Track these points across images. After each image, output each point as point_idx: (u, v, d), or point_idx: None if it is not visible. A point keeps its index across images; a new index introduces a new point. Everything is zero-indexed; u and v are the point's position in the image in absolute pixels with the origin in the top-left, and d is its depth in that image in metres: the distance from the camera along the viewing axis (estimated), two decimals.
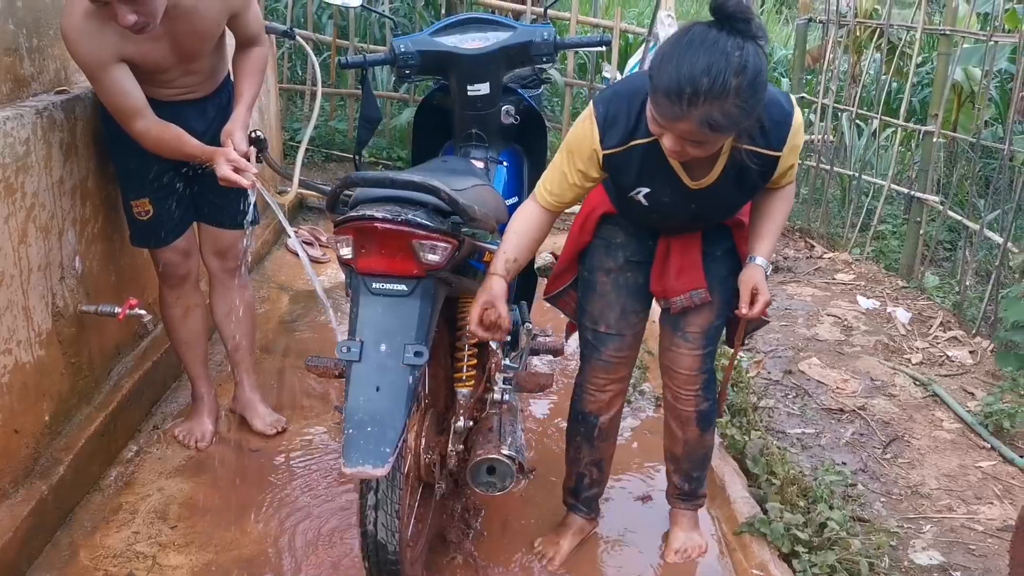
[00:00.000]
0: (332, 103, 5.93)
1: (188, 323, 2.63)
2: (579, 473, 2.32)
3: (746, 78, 1.53)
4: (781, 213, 1.99)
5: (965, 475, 2.76)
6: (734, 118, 1.57)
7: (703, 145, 1.65)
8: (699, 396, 2.18)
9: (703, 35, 1.56)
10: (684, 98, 1.54)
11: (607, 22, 5.73)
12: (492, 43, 2.52)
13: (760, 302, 1.95)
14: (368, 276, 1.77)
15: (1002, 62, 4.92)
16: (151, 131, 2.21)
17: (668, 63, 1.57)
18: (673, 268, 2.06)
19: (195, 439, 2.68)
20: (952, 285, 4.20)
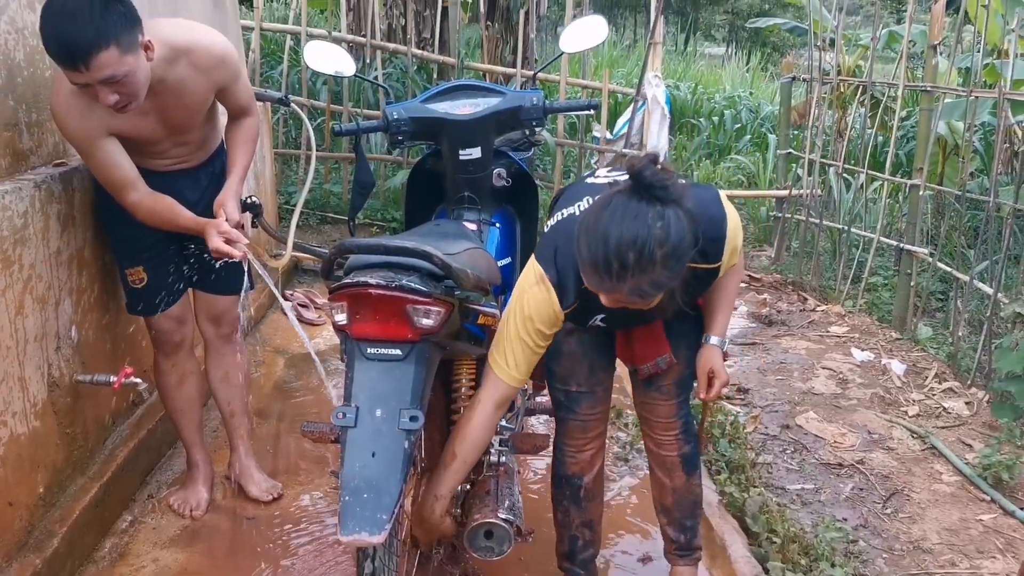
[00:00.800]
0: (326, 167, 6.01)
1: (183, 391, 2.62)
2: (571, 536, 2.30)
3: (670, 246, 1.57)
4: (731, 288, 2.04)
5: (966, 529, 2.74)
6: (662, 284, 1.61)
7: (641, 303, 1.68)
8: (680, 439, 2.21)
9: (625, 206, 1.59)
10: (613, 272, 1.59)
11: (596, 83, 5.85)
12: (483, 109, 2.58)
13: (717, 385, 2.03)
14: (363, 341, 1.78)
15: (984, 115, 5.02)
16: (143, 203, 2.24)
17: (593, 235, 1.60)
18: (636, 338, 2.10)
19: (190, 507, 2.65)
20: (945, 336, 4.22)
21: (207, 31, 2.26)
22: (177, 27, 2.21)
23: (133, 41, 1.95)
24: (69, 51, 1.89)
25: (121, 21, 1.93)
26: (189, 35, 2.20)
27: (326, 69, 2.75)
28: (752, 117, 9.29)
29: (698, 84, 10.68)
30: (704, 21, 29.18)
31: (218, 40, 2.25)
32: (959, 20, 4.29)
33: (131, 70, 1.96)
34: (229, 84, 2.31)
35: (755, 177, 7.32)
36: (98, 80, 1.93)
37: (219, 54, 2.24)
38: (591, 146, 5.98)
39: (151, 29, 2.06)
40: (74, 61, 1.89)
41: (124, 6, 1.95)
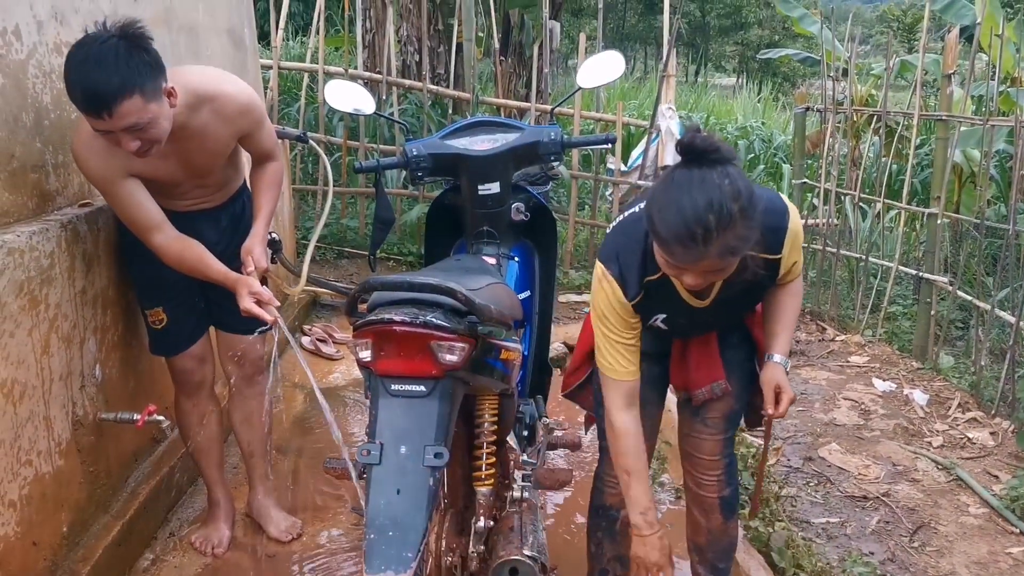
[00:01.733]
0: (343, 201, 6.06)
1: (204, 429, 2.62)
2: (602, 570, 2.28)
3: (744, 199, 1.59)
4: (792, 308, 2.02)
5: (996, 562, 2.70)
6: (747, 237, 1.62)
7: (721, 271, 1.69)
8: (721, 481, 2.17)
9: (688, 177, 1.61)
10: (699, 239, 1.58)
11: (610, 116, 5.89)
12: (501, 144, 2.60)
13: (784, 400, 1.98)
14: (387, 378, 1.78)
15: (1000, 143, 5.02)
16: (171, 247, 2.23)
17: (668, 211, 1.61)
18: (692, 362, 2.09)
19: (212, 545, 2.65)
20: (967, 365, 4.18)
21: (232, 80, 2.28)
22: (203, 75, 2.24)
23: (157, 88, 1.97)
24: (94, 99, 1.91)
25: (146, 69, 1.94)
26: (214, 83, 2.22)
27: (346, 107, 2.78)
28: (765, 147, 9.31)
29: (710, 115, 10.75)
30: (715, 52, 29.40)
31: (242, 89, 2.27)
32: (973, 49, 4.31)
33: (154, 117, 1.97)
34: (252, 132, 2.33)
35: None
36: (121, 128, 1.94)
37: (243, 103, 2.25)
38: (606, 178, 6.00)
39: (177, 76, 2.09)
40: (98, 109, 1.91)
41: (149, 54, 1.97)
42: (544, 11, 6.22)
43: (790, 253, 1.88)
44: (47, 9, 2.28)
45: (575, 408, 3.84)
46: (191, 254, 2.25)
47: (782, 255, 1.86)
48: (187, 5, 3.21)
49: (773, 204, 1.85)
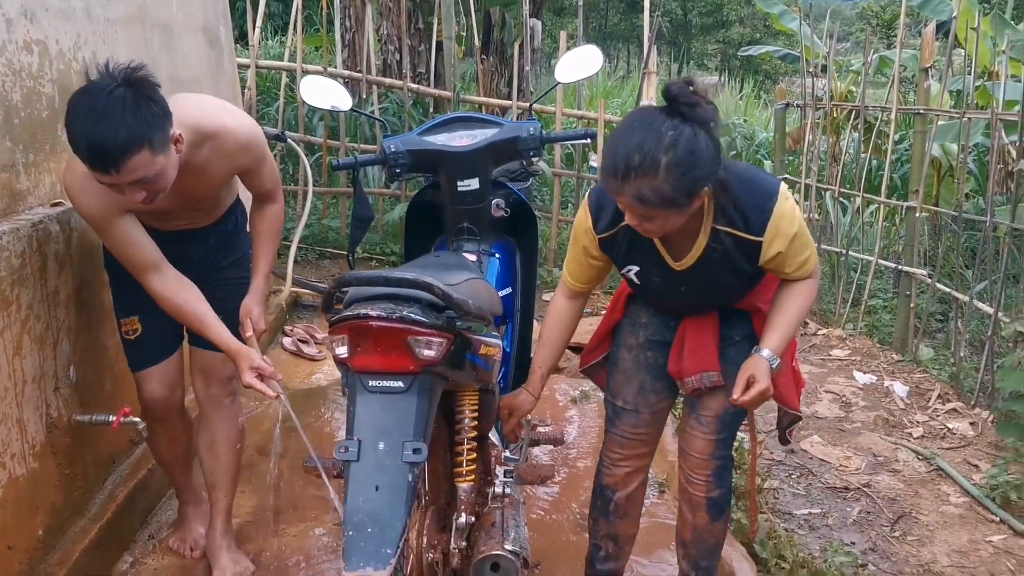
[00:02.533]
0: (324, 202, 6.03)
1: (173, 449, 2.53)
2: (595, 544, 2.33)
3: (675, 156, 1.62)
4: (795, 308, 1.95)
5: (976, 550, 2.72)
6: (665, 195, 1.65)
7: (652, 220, 1.74)
8: (710, 482, 2.16)
9: (643, 116, 1.68)
10: (618, 174, 1.66)
11: (591, 114, 5.89)
12: (480, 140, 2.59)
13: (753, 389, 1.91)
14: (364, 374, 1.76)
15: (977, 136, 5.06)
16: (169, 296, 2.14)
17: (611, 142, 1.70)
18: (688, 348, 2.09)
19: (188, 547, 2.60)
20: (947, 357, 4.21)
21: (233, 113, 2.19)
22: (202, 109, 2.13)
23: (164, 139, 1.88)
24: (101, 155, 1.81)
25: (154, 120, 1.85)
26: (216, 119, 2.12)
27: (322, 104, 2.76)
28: (747, 144, 9.34)
29: None
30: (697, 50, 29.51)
31: (244, 123, 2.18)
32: (949, 44, 4.34)
33: (162, 169, 1.90)
34: (252, 169, 2.25)
35: None
36: (128, 182, 1.86)
37: (244, 139, 2.16)
38: (588, 176, 6.00)
39: (178, 110, 1.98)
40: (105, 166, 1.82)
41: (157, 103, 1.87)
42: (524, 9, 6.22)
43: (773, 239, 1.83)
44: (17, 7, 2.25)
45: (559, 405, 3.86)
46: (191, 309, 2.16)
47: (763, 239, 1.83)
48: (161, 2, 3.18)
49: (760, 182, 1.84)
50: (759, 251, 1.86)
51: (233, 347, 2.15)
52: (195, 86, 3.50)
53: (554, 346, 2.22)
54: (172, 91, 3.21)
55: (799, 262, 1.89)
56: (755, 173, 1.88)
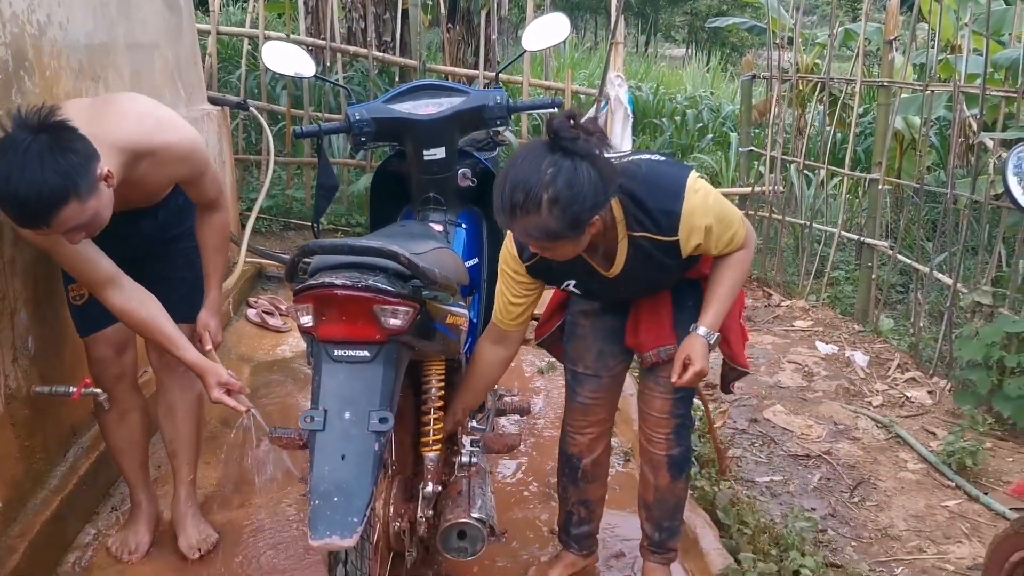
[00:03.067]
0: (288, 172, 5.95)
1: (123, 429, 2.42)
2: (568, 511, 2.37)
3: (555, 192, 1.65)
4: (728, 281, 1.98)
5: (933, 515, 2.79)
6: (550, 230, 1.69)
7: (551, 251, 1.78)
8: (671, 440, 2.20)
9: (528, 153, 1.71)
10: (505, 212, 1.71)
11: (559, 84, 5.86)
12: (446, 108, 2.56)
13: (689, 372, 1.96)
14: (329, 343, 1.75)
15: (939, 110, 5.12)
16: (131, 311, 2.12)
17: (499, 178, 1.73)
18: (643, 323, 2.13)
19: (128, 550, 2.44)
20: (907, 327, 4.29)
21: (172, 126, 2.13)
22: (142, 128, 2.06)
23: (91, 184, 1.83)
24: (28, 215, 1.80)
25: (77, 169, 1.80)
26: (152, 136, 2.06)
27: (285, 70, 2.72)
28: (714, 116, 9.36)
29: (659, 85, 10.75)
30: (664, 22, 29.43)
31: (183, 136, 2.13)
32: (913, 17, 4.37)
33: (95, 211, 1.86)
34: (193, 180, 2.21)
35: (718, 176, 7.38)
36: (62, 232, 1.85)
37: (182, 154, 2.13)
38: None
39: (113, 130, 1.96)
40: (35, 223, 1.81)
41: (76, 153, 1.81)
42: None
43: (689, 236, 1.86)
44: None
45: (526, 375, 3.87)
46: (155, 325, 2.14)
47: (678, 238, 1.87)
48: None
49: (664, 184, 1.86)
50: (678, 248, 1.89)
51: (200, 364, 2.18)
52: (154, 51, 3.42)
53: (477, 391, 2.21)
54: (130, 59, 3.15)
55: (724, 241, 1.92)
56: (659, 174, 1.87)
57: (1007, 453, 3.14)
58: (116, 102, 2.13)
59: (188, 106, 3.92)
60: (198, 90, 4.16)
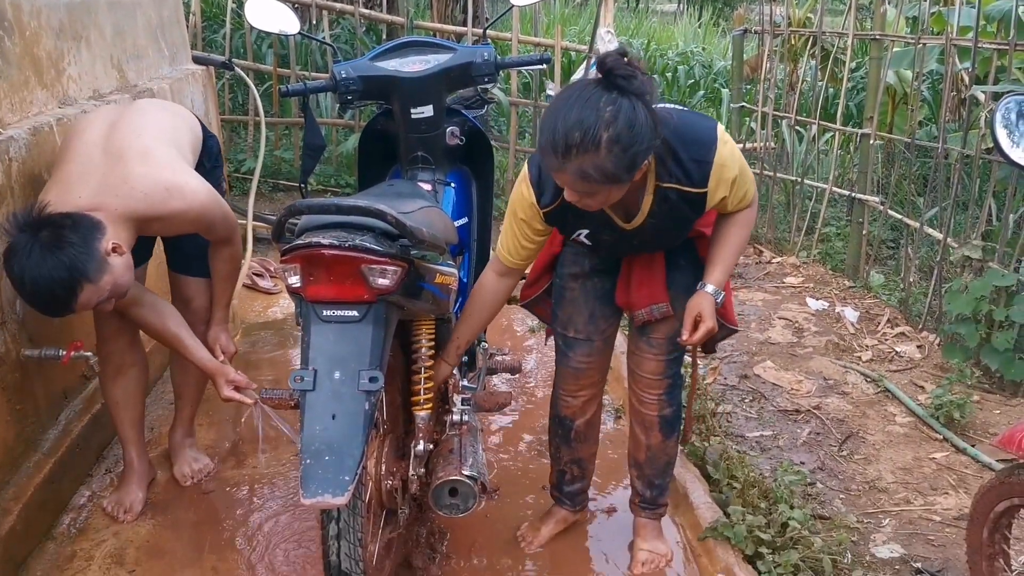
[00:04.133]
0: (276, 132, 5.89)
1: (119, 383, 2.47)
2: (560, 470, 2.40)
3: (616, 130, 1.58)
4: (736, 239, 1.97)
5: (920, 467, 2.82)
6: (607, 171, 1.62)
7: (593, 196, 1.70)
8: (663, 400, 2.21)
9: (581, 91, 1.63)
10: (559, 152, 1.62)
11: (548, 41, 5.79)
12: (433, 65, 2.53)
13: (701, 329, 1.95)
14: (318, 303, 1.75)
15: (932, 63, 5.07)
16: (152, 322, 2.30)
17: (549, 118, 1.65)
18: (635, 282, 2.11)
19: (123, 509, 2.48)
20: (897, 282, 4.30)
21: (182, 195, 2.15)
22: (150, 200, 2.11)
23: (99, 263, 1.96)
24: (51, 310, 1.98)
25: (81, 258, 1.93)
26: (162, 207, 2.13)
27: (269, 27, 2.67)
28: (705, 72, 9.28)
29: (650, 41, 10.64)
30: None
31: (193, 203, 2.17)
32: None
33: (112, 283, 2.00)
34: (203, 231, 2.30)
35: None
36: (88, 309, 2.03)
37: (192, 218, 2.20)
38: (545, 104, 5.93)
39: (119, 202, 2.06)
40: (61, 313, 1.99)
41: (74, 244, 1.93)
42: None
43: (717, 187, 1.84)
44: None
45: (518, 335, 3.88)
46: (172, 333, 2.30)
47: (707, 189, 1.83)
48: None
49: (697, 134, 1.81)
50: (704, 201, 1.86)
51: (210, 365, 2.31)
52: (136, 9, 3.36)
53: (476, 323, 2.16)
54: (112, 18, 3.08)
55: (740, 196, 1.91)
56: (691, 124, 1.83)
57: (994, 406, 3.17)
58: (125, 163, 2.12)
59: (172, 65, 3.86)
60: (182, 49, 4.09)
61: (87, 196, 2.04)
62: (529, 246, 2.01)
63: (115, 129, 2.20)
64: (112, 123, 2.24)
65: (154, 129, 2.27)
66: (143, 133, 2.22)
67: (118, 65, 3.20)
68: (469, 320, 2.15)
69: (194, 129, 2.45)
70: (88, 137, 2.18)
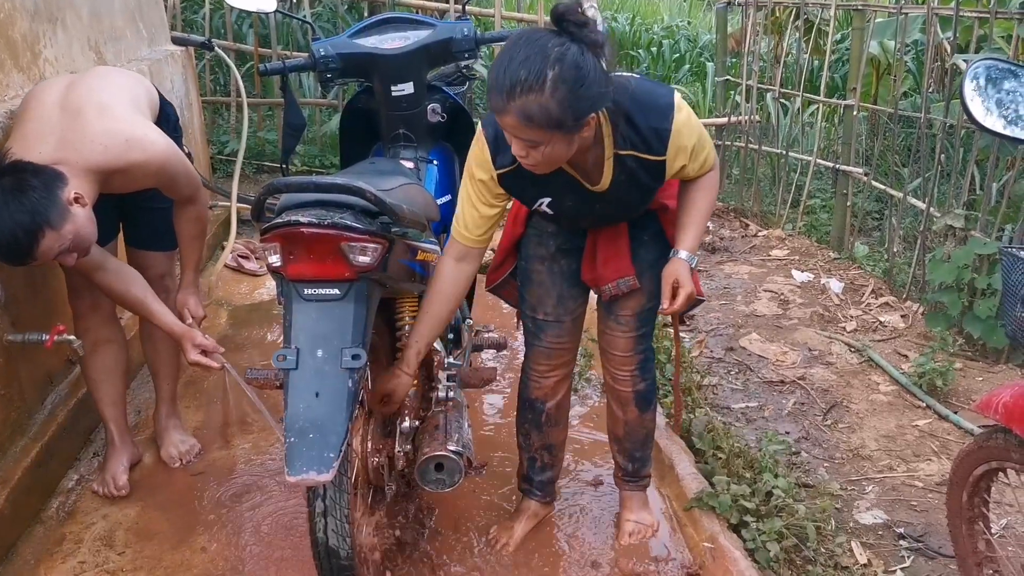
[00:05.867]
0: (259, 113, 5.85)
1: (97, 359, 2.46)
2: (530, 458, 2.36)
3: (562, 71, 1.55)
4: (703, 203, 1.96)
5: (903, 434, 2.85)
6: (552, 113, 1.58)
7: (537, 147, 1.65)
8: (636, 376, 2.22)
9: (531, 34, 1.61)
10: (503, 91, 1.58)
11: (531, 16, 5.75)
12: (413, 42, 2.52)
13: (681, 296, 1.93)
14: (299, 282, 1.75)
15: (915, 33, 5.07)
16: (116, 288, 2.27)
17: (498, 60, 1.62)
18: (600, 257, 2.09)
19: (113, 487, 2.49)
20: (881, 253, 4.32)
21: (142, 147, 2.14)
22: (109, 152, 2.09)
23: (61, 210, 1.95)
24: (12, 256, 1.96)
25: (43, 203, 1.91)
26: (122, 158, 2.11)
27: (246, 5, 2.65)
28: (691, 47, 9.23)
29: (635, 15, 10.57)
30: None
31: (153, 154, 2.16)
32: None
33: (75, 232, 1.98)
34: (165, 186, 2.28)
35: (695, 106, 7.33)
36: (50, 260, 2.00)
37: (152, 170, 2.18)
38: None
39: (78, 155, 2.04)
40: (20, 260, 1.97)
41: (37, 188, 1.92)
42: None
43: (676, 156, 1.83)
44: None
45: (504, 311, 3.88)
46: (136, 297, 2.28)
47: (666, 157, 1.82)
48: None
49: (654, 100, 1.79)
50: (664, 169, 1.86)
51: (176, 329, 2.29)
52: None
53: (437, 320, 2.00)
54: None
55: (700, 162, 1.89)
56: (648, 90, 1.81)
57: (977, 373, 3.20)
58: (83, 118, 2.11)
59: (151, 47, 3.83)
60: (161, 30, 4.06)
61: (47, 152, 2.03)
62: (489, 213, 1.93)
63: (72, 88, 2.19)
64: (69, 84, 2.23)
65: (111, 87, 2.26)
66: (101, 90, 2.21)
67: (95, 47, 3.17)
68: (428, 317, 1.99)
69: (151, 92, 2.43)
70: (46, 98, 2.17)
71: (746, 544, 2.21)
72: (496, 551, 2.30)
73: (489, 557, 2.29)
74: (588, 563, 2.28)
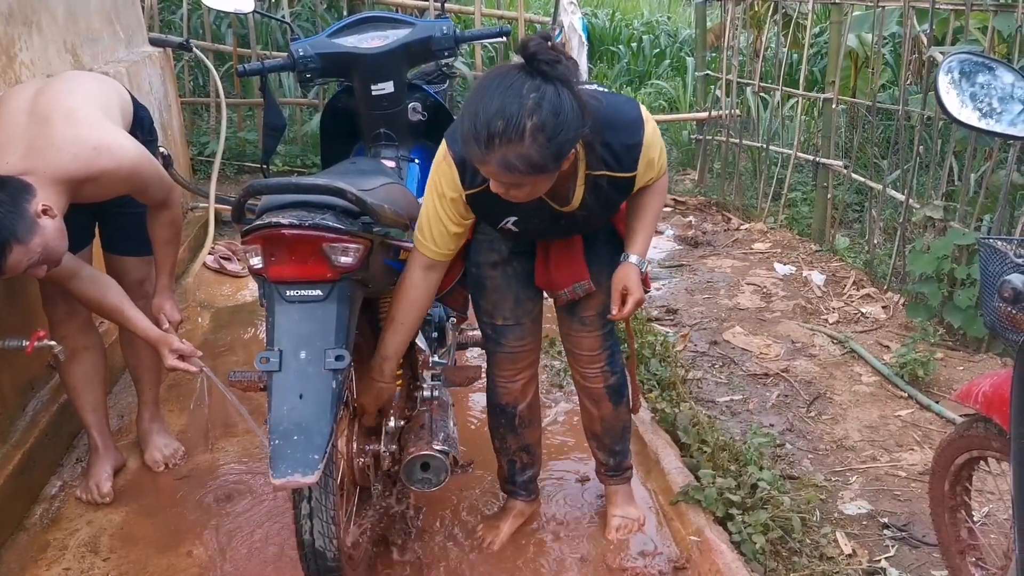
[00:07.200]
0: (239, 114, 5.81)
1: (75, 366, 2.44)
2: (510, 460, 2.35)
3: (540, 119, 1.53)
4: (653, 207, 1.97)
5: (886, 425, 2.87)
6: (533, 161, 1.57)
7: (520, 187, 1.65)
8: (606, 372, 2.22)
9: (503, 78, 1.57)
10: (481, 142, 1.56)
11: (511, 13, 5.75)
12: (392, 41, 2.51)
13: (630, 303, 1.95)
14: (281, 284, 1.74)
15: (892, 26, 5.10)
16: (92, 295, 2.23)
17: (470, 105, 1.58)
18: (554, 263, 2.06)
19: (98, 493, 2.48)
20: (862, 245, 4.35)
21: (110, 153, 2.10)
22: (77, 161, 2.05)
23: (28, 223, 1.91)
24: None
25: (9, 217, 1.88)
26: (91, 166, 2.07)
27: (223, 6, 2.64)
28: (671, 42, 9.25)
29: (616, 11, 10.58)
30: None
31: (123, 160, 2.12)
32: None
33: (43, 245, 1.95)
34: (137, 192, 2.24)
35: (676, 101, 7.34)
36: (19, 273, 1.95)
37: (122, 177, 2.14)
38: None
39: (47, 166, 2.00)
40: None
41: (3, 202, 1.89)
42: None
43: (645, 170, 1.84)
44: None
45: None
46: (112, 304, 2.25)
47: (636, 173, 1.83)
48: None
49: (623, 117, 1.79)
50: (633, 183, 1.87)
51: (153, 335, 2.27)
52: None
53: (406, 331, 1.99)
54: (64, 0, 3.02)
55: (657, 170, 1.90)
56: (616, 107, 1.80)
57: (958, 362, 3.23)
58: (51, 125, 2.07)
59: (128, 48, 3.80)
60: (138, 31, 4.03)
61: (15, 162, 1.99)
62: (457, 230, 1.90)
63: (41, 94, 2.16)
64: (38, 89, 2.19)
65: (80, 92, 2.22)
66: (69, 95, 2.18)
67: (72, 49, 3.14)
68: (397, 326, 1.97)
69: (123, 96, 2.39)
70: (14, 105, 2.13)
71: (732, 537, 2.22)
72: (483, 550, 2.30)
73: (476, 556, 2.29)
74: (575, 559, 2.29)
